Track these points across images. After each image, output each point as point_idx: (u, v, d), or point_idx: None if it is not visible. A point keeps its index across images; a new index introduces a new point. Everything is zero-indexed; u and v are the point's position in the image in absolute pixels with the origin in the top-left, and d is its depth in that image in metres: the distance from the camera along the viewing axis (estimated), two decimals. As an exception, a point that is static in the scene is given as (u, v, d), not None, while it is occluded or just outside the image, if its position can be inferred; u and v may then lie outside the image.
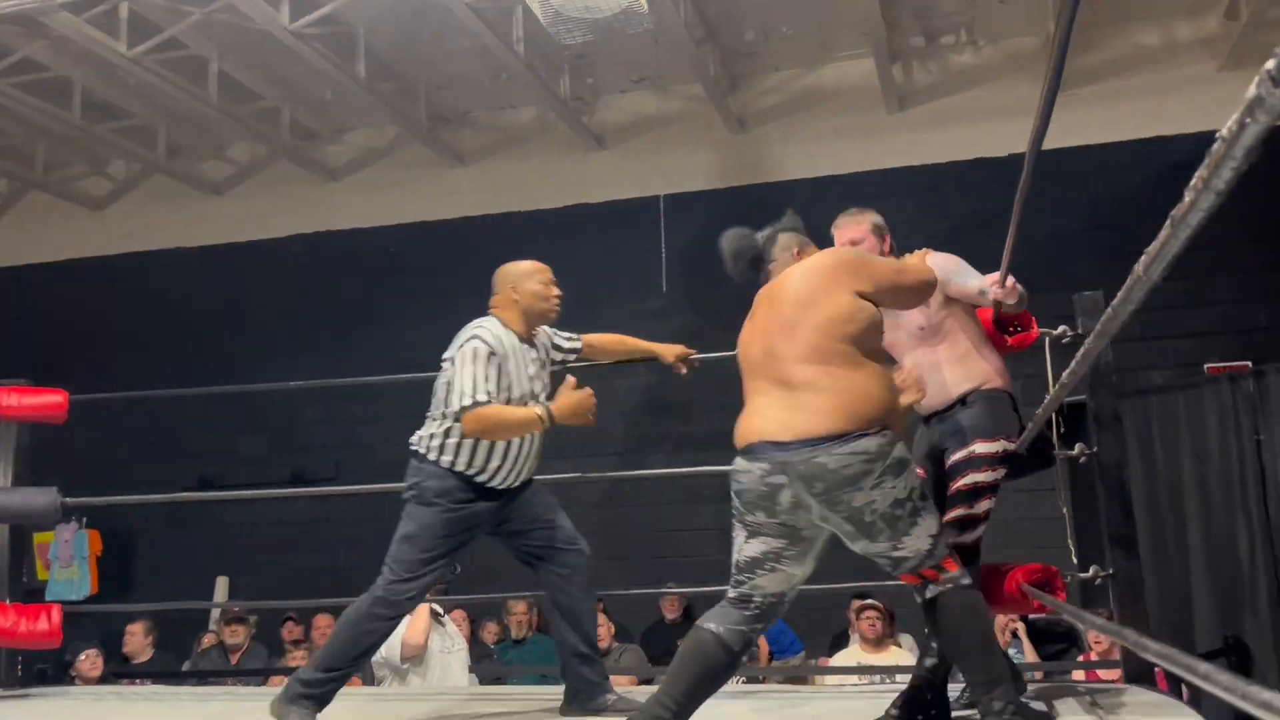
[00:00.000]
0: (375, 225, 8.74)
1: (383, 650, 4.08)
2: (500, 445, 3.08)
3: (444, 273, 8.48)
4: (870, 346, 2.50)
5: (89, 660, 5.45)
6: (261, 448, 8.66)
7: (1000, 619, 5.33)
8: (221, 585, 8.16)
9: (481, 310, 3.29)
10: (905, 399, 2.59)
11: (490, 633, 6.43)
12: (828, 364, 2.42)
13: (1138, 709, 2.82)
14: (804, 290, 2.52)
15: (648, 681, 5.53)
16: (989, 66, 7.68)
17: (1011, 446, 2.92)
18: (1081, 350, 1.84)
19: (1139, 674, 3.27)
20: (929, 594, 2.47)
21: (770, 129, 8.06)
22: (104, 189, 9.41)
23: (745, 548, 2.49)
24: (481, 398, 2.97)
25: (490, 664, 5.86)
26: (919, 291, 2.72)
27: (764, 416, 2.44)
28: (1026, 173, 2.12)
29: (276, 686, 5.55)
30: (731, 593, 2.51)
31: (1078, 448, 3.31)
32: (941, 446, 2.95)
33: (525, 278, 3.27)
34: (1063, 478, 3.59)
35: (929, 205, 7.53)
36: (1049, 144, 7.31)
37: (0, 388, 3.97)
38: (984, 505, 2.86)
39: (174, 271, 9.02)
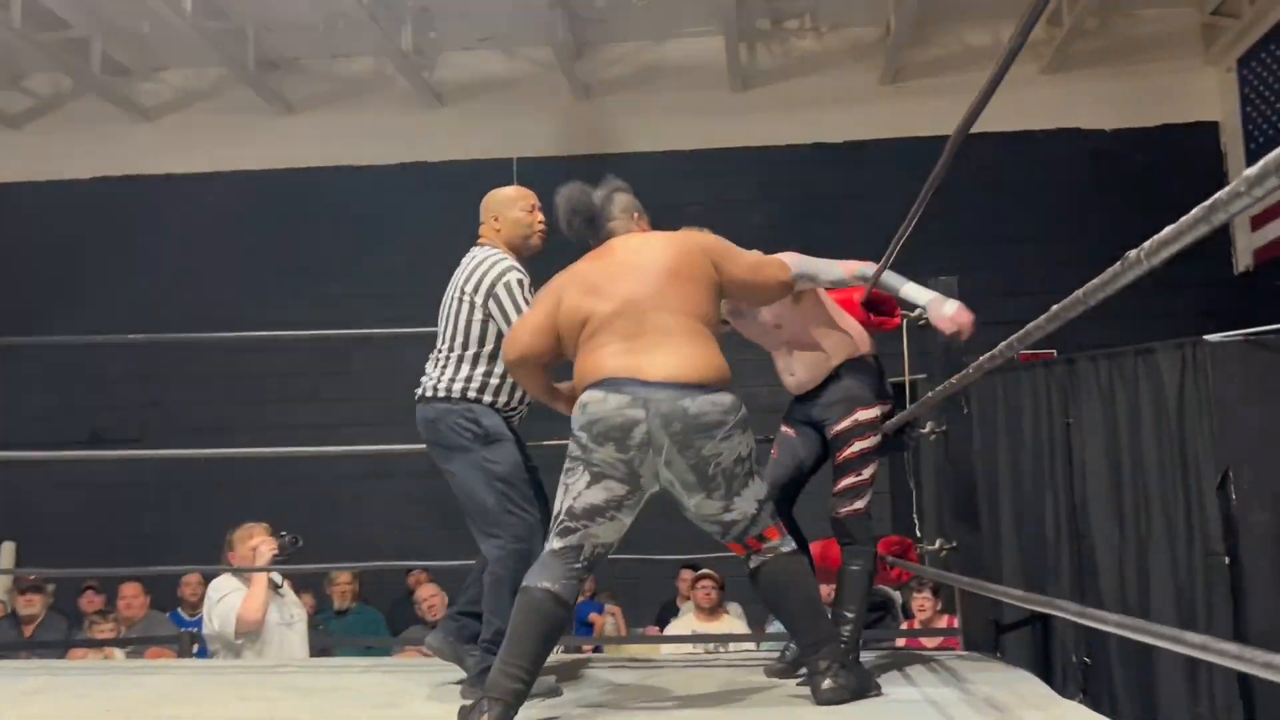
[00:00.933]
0: (191, 172, 8.22)
1: (215, 624, 3.84)
2: None
3: (266, 226, 8.07)
4: (716, 324, 2.64)
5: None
6: (56, 404, 8.03)
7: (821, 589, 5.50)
8: (8, 550, 7.54)
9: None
10: None
11: (306, 604, 6.19)
12: (694, 323, 2.53)
13: (990, 674, 2.95)
14: (668, 258, 2.58)
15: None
16: (830, 54, 7.87)
17: (888, 408, 3.05)
18: (1022, 331, 1.87)
19: (979, 642, 3.43)
20: (753, 563, 2.54)
21: (616, 99, 8.02)
22: (-123, 113, 8.47)
23: (586, 494, 2.44)
24: None
25: (318, 634, 5.63)
26: (772, 290, 2.79)
27: (631, 356, 2.47)
28: (945, 159, 2.16)
29: (79, 660, 5.19)
30: (557, 544, 2.45)
31: (929, 426, 3.43)
32: (819, 419, 3.01)
33: (507, 205, 3.05)
34: (911, 456, 3.71)
35: (768, 186, 7.68)
36: (882, 133, 7.59)
37: None
38: (871, 470, 2.97)
39: (-40, 209, 8.24)
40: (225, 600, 3.83)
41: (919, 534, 3.50)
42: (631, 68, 8.02)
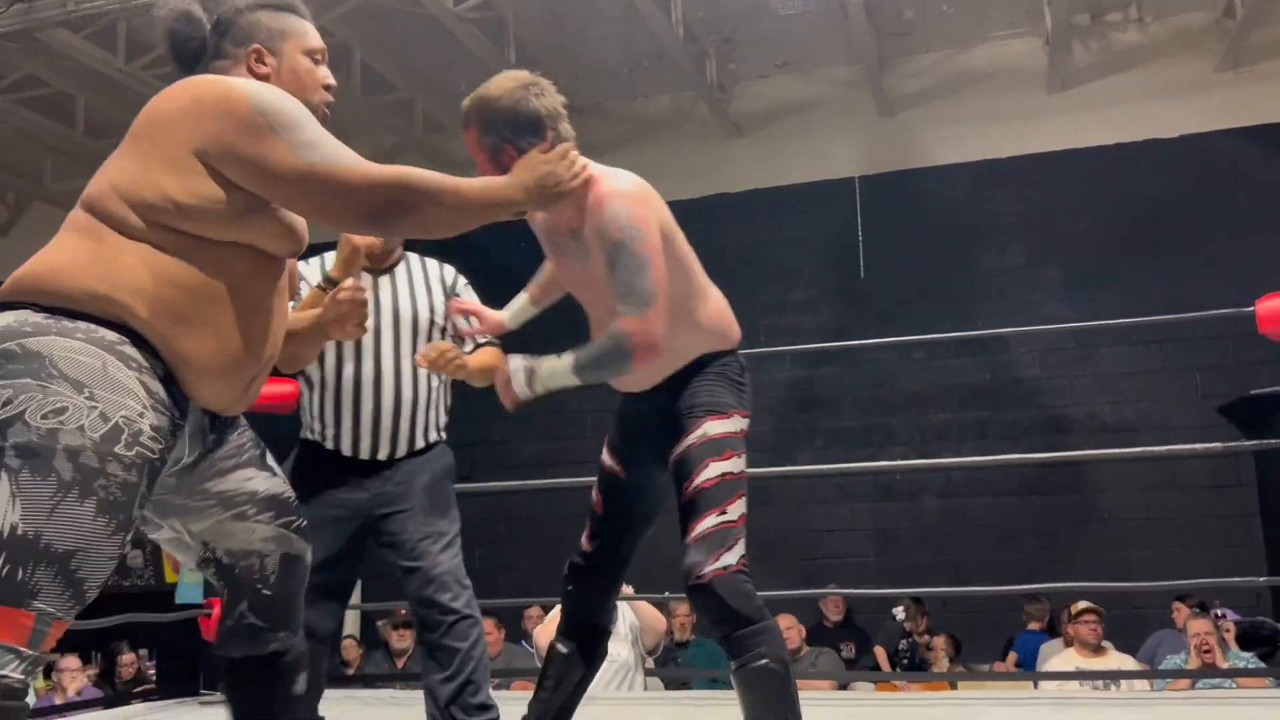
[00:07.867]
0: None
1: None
2: None
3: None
4: (195, 233, 1.60)
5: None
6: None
7: (1203, 625, 5.00)
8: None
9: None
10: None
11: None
12: (85, 217, 1.59)
13: None
14: (159, 112, 1.60)
15: (844, 686, 5.26)
16: (1156, 45, 7.34)
17: (747, 420, 2.15)
18: None
19: None
20: None
21: (919, 112, 7.76)
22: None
23: None
24: None
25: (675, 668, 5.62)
26: (329, 210, 1.62)
27: None
28: None
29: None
30: None
31: None
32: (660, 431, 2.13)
33: None
34: None
35: (1095, 190, 7.21)
36: (1224, 124, 6.84)
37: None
38: (739, 507, 2.02)
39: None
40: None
41: None
42: (935, 79, 7.74)
